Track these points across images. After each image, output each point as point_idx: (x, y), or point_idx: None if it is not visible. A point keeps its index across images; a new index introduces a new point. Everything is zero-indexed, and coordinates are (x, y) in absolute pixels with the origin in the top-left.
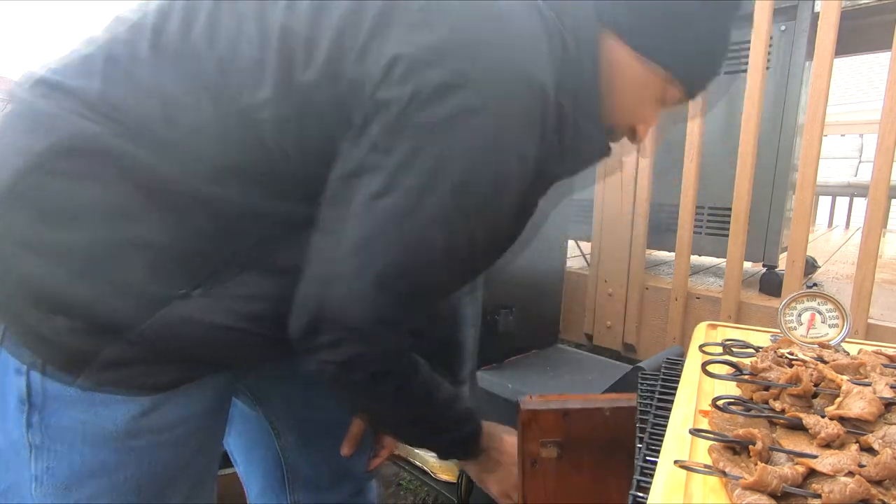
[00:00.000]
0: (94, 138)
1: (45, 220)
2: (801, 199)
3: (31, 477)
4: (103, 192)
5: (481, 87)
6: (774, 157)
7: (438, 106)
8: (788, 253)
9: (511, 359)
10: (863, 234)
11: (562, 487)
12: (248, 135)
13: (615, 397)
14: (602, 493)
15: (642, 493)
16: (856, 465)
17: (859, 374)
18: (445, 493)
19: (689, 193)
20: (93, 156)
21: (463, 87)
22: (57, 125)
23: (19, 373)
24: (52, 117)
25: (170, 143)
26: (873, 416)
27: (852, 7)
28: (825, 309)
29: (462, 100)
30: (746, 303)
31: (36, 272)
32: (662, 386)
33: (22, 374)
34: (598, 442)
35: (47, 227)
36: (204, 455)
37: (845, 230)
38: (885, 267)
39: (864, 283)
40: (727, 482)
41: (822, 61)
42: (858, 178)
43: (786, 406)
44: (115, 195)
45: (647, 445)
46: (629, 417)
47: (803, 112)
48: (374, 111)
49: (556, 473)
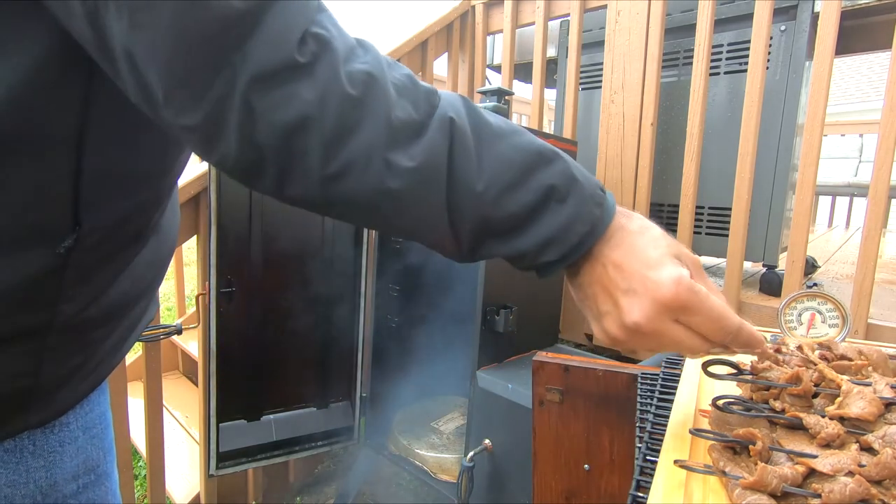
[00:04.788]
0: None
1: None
2: (801, 199)
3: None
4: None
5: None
6: (774, 157)
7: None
8: (788, 253)
9: (511, 359)
10: (863, 234)
11: (563, 427)
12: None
13: (608, 363)
14: (596, 438)
15: (642, 493)
16: (856, 464)
17: (861, 374)
18: (445, 493)
19: (689, 193)
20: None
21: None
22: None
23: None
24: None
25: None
26: (873, 416)
27: (852, 7)
28: (825, 309)
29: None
30: (746, 303)
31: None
32: (662, 386)
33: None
34: (592, 395)
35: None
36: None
37: (845, 230)
38: (885, 267)
39: (864, 283)
40: (727, 482)
41: (822, 61)
42: (858, 178)
43: (786, 406)
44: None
45: (647, 445)
46: (618, 380)
47: (803, 112)
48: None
49: (558, 414)
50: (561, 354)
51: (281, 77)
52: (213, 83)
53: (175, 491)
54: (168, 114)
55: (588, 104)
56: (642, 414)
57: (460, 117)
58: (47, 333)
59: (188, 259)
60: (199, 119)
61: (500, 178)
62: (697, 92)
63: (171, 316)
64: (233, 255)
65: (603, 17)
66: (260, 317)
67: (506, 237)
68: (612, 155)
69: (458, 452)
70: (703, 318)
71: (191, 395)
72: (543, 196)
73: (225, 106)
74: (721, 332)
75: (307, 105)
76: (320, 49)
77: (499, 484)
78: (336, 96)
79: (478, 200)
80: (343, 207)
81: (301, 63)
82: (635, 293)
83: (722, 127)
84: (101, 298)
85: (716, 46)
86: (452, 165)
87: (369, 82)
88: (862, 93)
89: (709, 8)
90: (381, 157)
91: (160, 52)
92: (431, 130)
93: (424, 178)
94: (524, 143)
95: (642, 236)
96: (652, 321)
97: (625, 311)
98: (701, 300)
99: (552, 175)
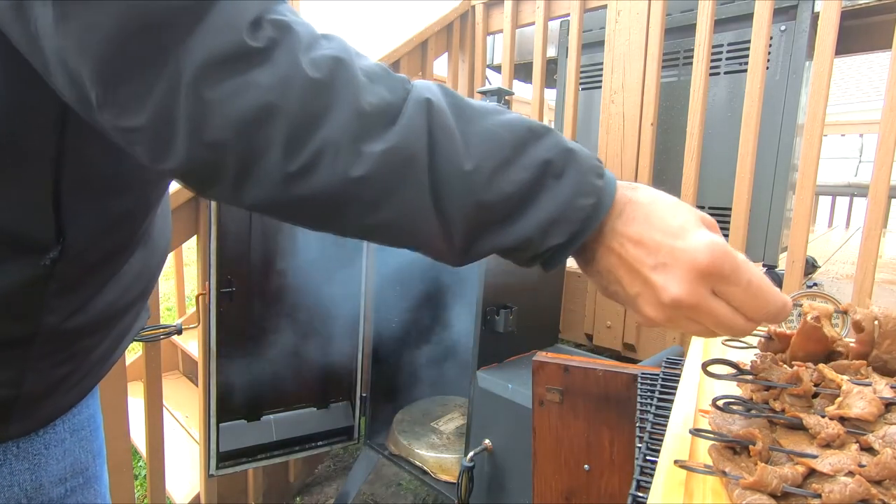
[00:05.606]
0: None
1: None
2: (801, 199)
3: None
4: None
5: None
6: (774, 157)
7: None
8: (788, 253)
9: (511, 359)
10: (863, 234)
11: (563, 427)
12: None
13: (608, 363)
14: (596, 437)
15: (642, 492)
16: (856, 465)
17: (860, 374)
18: (445, 493)
19: (689, 193)
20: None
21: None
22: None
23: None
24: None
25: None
26: (873, 416)
27: (852, 7)
28: None
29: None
30: None
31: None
32: (662, 386)
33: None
34: (592, 395)
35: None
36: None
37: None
38: (885, 267)
39: (864, 283)
40: (727, 482)
41: (822, 61)
42: (858, 178)
43: (786, 406)
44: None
45: (647, 445)
46: (618, 380)
47: (803, 112)
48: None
49: (558, 414)
50: (561, 354)
51: (234, 64)
52: (157, 78)
53: (175, 491)
54: (107, 116)
55: (588, 104)
56: (642, 414)
57: (437, 98)
58: (30, 344)
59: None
60: (144, 120)
61: (491, 155)
62: (697, 92)
63: (171, 316)
64: (233, 255)
65: (603, 17)
66: (260, 317)
67: (504, 224)
68: (612, 155)
69: (458, 452)
70: (743, 289)
71: (191, 395)
72: (539, 172)
73: (172, 102)
74: (763, 309)
75: (266, 92)
76: (278, 33)
77: (499, 484)
78: (299, 81)
79: (468, 182)
80: (311, 209)
81: (255, 48)
82: (666, 267)
83: (722, 127)
84: (87, 309)
85: (716, 46)
86: (434, 146)
87: (335, 66)
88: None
89: (709, 8)
90: (351, 147)
91: (94, 46)
92: (407, 113)
93: (402, 161)
94: (512, 119)
95: (656, 205)
96: (692, 294)
97: (660, 287)
98: (740, 265)
99: (546, 149)
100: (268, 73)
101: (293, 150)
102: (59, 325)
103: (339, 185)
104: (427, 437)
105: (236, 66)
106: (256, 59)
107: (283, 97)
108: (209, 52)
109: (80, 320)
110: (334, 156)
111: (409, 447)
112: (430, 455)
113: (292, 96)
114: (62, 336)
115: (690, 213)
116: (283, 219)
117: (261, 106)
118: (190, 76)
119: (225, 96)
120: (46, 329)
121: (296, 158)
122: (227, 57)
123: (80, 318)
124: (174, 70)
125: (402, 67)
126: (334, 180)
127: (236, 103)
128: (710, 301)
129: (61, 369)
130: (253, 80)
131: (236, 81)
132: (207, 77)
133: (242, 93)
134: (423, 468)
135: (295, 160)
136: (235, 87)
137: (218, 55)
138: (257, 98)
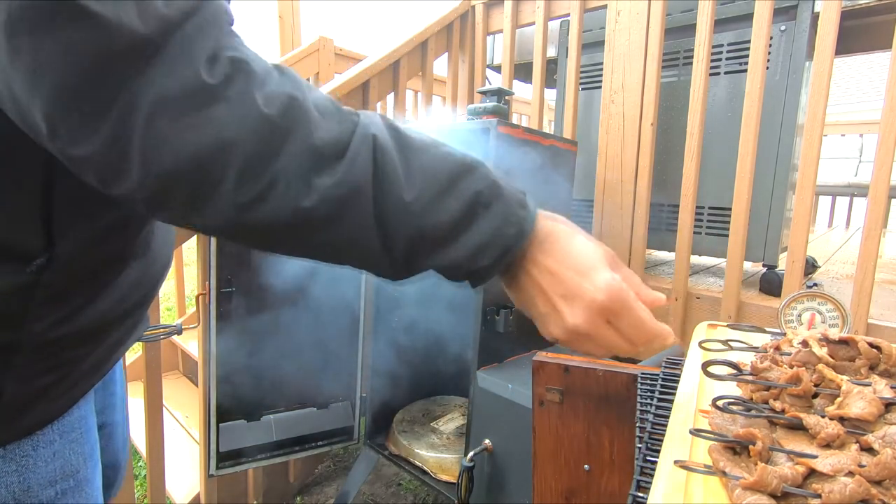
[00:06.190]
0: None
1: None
2: (801, 199)
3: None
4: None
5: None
6: (774, 157)
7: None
8: (788, 253)
9: (511, 359)
10: (863, 234)
11: (563, 427)
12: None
13: (608, 363)
14: (596, 437)
15: (642, 493)
16: (856, 465)
17: (859, 374)
18: (445, 493)
19: (689, 193)
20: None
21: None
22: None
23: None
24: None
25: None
26: (873, 416)
27: (852, 7)
28: (825, 309)
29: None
30: (746, 303)
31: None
32: (662, 386)
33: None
34: (592, 395)
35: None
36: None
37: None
38: (885, 267)
39: (864, 283)
40: (727, 482)
41: (822, 61)
42: (858, 178)
43: (786, 406)
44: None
45: (647, 445)
46: (618, 380)
47: (803, 112)
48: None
49: (558, 414)
50: (561, 354)
51: (190, 99)
52: (110, 110)
53: (175, 491)
54: (57, 145)
55: (588, 104)
56: (642, 414)
57: (382, 133)
58: (14, 352)
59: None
60: (94, 148)
61: (429, 187)
62: (697, 92)
63: (171, 316)
64: (233, 255)
65: (603, 17)
66: (260, 317)
67: (441, 246)
68: (612, 155)
69: (458, 452)
70: (629, 323)
71: (191, 395)
72: (471, 202)
73: (124, 133)
74: (645, 335)
75: (222, 128)
76: (233, 70)
77: (499, 484)
78: (254, 119)
79: (408, 211)
80: (261, 235)
81: (211, 84)
82: (572, 299)
83: (722, 127)
84: (76, 318)
85: (716, 46)
86: (379, 179)
87: (289, 104)
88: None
89: (709, 8)
90: (302, 179)
91: (46, 83)
92: (353, 147)
93: (349, 193)
94: (447, 154)
95: (571, 242)
96: (589, 323)
97: (565, 314)
98: (628, 303)
99: (476, 181)
100: (223, 109)
101: (246, 182)
102: (45, 333)
103: (290, 213)
104: (427, 437)
105: (193, 101)
106: (212, 95)
107: (237, 133)
108: (166, 88)
109: (67, 329)
110: (286, 187)
111: (409, 447)
112: (430, 455)
113: (246, 132)
114: (48, 345)
115: (597, 253)
116: (233, 241)
117: (216, 141)
118: (146, 110)
119: (180, 130)
120: (31, 337)
121: (248, 190)
122: (184, 93)
123: (68, 328)
124: (128, 102)
125: (402, 67)
126: (285, 210)
127: (192, 138)
128: (603, 329)
129: (46, 378)
130: (209, 116)
131: (192, 117)
132: (164, 111)
133: (198, 128)
134: (423, 468)
135: (247, 192)
136: (191, 122)
137: (175, 90)
138: (213, 133)
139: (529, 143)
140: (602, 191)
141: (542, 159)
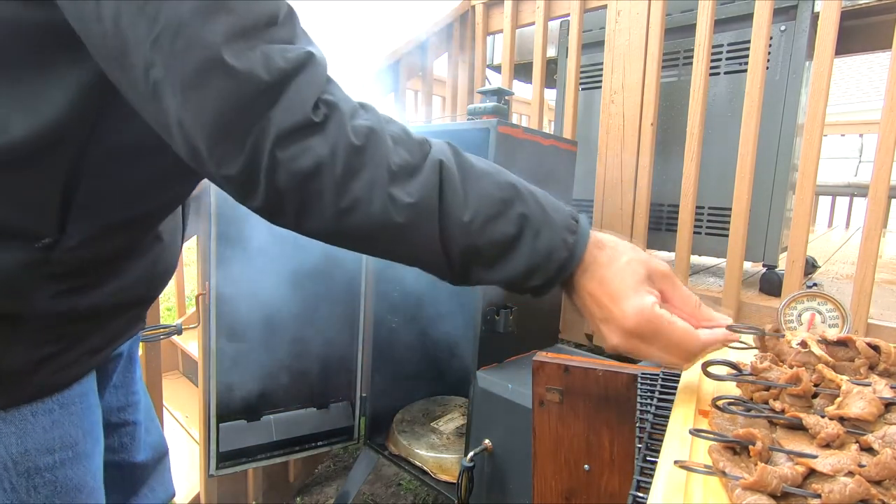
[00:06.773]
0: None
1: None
2: (801, 199)
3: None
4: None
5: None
6: (774, 157)
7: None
8: (788, 253)
9: (511, 359)
10: (863, 234)
11: (563, 427)
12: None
13: (608, 363)
14: (596, 438)
15: (642, 493)
16: (856, 465)
17: (859, 374)
18: (445, 494)
19: (689, 193)
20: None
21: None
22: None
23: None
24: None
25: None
26: (873, 416)
27: (852, 7)
28: (825, 309)
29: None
30: (746, 303)
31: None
32: (662, 386)
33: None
34: (592, 395)
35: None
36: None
37: (845, 230)
38: (885, 267)
39: (864, 283)
40: (727, 482)
41: (822, 61)
42: (858, 178)
43: (786, 406)
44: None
45: (647, 445)
46: (618, 380)
47: (803, 112)
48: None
49: (558, 414)
50: (561, 354)
51: (299, 134)
52: (245, 142)
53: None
54: (211, 167)
55: (588, 104)
56: (642, 414)
57: (448, 160)
58: (19, 321)
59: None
60: (237, 170)
61: (484, 210)
62: (697, 92)
63: (171, 316)
64: (233, 255)
65: (603, 17)
66: (260, 317)
67: (493, 264)
68: (612, 155)
69: (458, 452)
70: (660, 347)
71: (191, 395)
72: (520, 226)
73: (256, 159)
74: (684, 353)
75: (321, 155)
76: (330, 111)
77: (499, 484)
78: (343, 147)
79: (466, 229)
80: (353, 238)
81: (315, 122)
82: (607, 322)
83: (722, 127)
84: (79, 298)
85: (716, 46)
86: (443, 200)
87: (370, 134)
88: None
89: (709, 8)
90: (384, 193)
91: (205, 120)
92: (425, 171)
93: (421, 210)
94: (502, 180)
95: (610, 268)
96: (626, 344)
97: (605, 334)
98: (659, 329)
99: (526, 207)
100: (322, 140)
101: (339, 194)
102: (49, 306)
103: (376, 224)
104: (427, 437)
105: (301, 135)
106: (315, 130)
107: (332, 159)
108: (284, 125)
109: (69, 305)
110: (370, 200)
111: (409, 447)
112: (429, 455)
113: (339, 158)
114: (51, 317)
115: (634, 276)
116: (332, 243)
117: (316, 164)
118: (270, 142)
119: (292, 157)
120: (36, 308)
121: (342, 201)
122: (296, 129)
123: (69, 304)
124: (259, 137)
125: (403, 67)
126: (372, 220)
127: (299, 162)
128: (641, 347)
129: (46, 349)
130: (311, 145)
131: (300, 146)
132: (281, 142)
133: (304, 154)
134: (423, 468)
135: (342, 202)
136: (299, 149)
137: (291, 126)
138: (314, 158)
139: (529, 143)
140: (602, 191)
141: (542, 159)
